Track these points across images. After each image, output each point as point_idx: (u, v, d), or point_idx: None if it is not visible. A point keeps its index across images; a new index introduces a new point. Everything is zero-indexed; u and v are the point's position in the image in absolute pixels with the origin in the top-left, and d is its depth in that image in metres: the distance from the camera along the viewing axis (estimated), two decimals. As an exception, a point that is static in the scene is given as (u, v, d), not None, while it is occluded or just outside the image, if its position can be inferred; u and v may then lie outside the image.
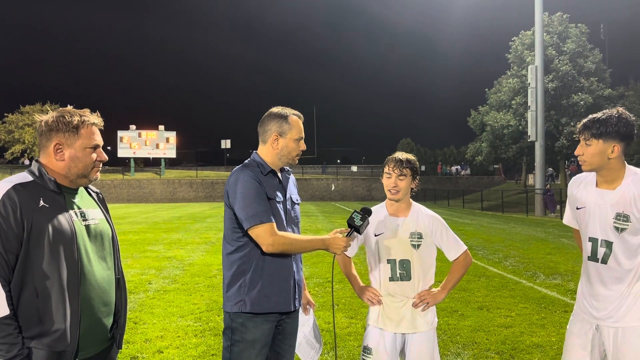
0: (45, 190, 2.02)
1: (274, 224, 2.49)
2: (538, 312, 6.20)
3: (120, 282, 2.26)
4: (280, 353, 2.67)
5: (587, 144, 2.45)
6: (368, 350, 2.82)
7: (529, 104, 26.08)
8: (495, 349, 4.85)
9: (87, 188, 2.28)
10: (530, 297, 7.02)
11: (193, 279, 8.33)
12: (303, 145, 2.70)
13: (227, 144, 56.25)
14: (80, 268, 2.02)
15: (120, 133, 52.70)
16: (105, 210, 2.30)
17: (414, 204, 2.91)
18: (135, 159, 54.23)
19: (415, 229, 2.82)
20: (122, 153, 52.90)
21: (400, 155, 2.84)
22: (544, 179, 29.31)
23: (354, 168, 57.95)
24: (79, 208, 2.14)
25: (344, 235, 2.59)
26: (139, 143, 53.15)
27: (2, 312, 1.87)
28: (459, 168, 59.68)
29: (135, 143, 53.03)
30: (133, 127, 53.32)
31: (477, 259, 10.47)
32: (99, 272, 2.12)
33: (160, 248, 12.44)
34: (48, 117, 2.08)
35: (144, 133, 53.45)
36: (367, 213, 2.62)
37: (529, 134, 28.15)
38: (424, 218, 2.86)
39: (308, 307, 2.94)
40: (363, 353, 2.86)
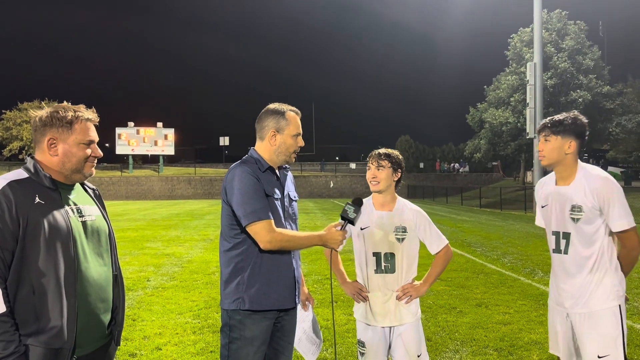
0: (41, 187, 2.01)
1: (272, 221, 2.46)
2: (536, 309, 6.20)
3: (118, 278, 2.25)
4: (279, 350, 2.66)
5: (546, 140, 2.72)
6: (362, 344, 2.97)
7: (528, 101, 26.01)
8: (494, 346, 4.85)
9: (83, 184, 2.26)
10: (529, 294, 7.02)
11: (191, 276, 8.33)
12: (301, 142, 2.68)
13: (225, 141, 56.31)
14: (77, 265, 2.01)
15: (119, 130, 52.67)
16: (102, 207, 2.28)
17: (399, 199, 3.04)
18: (134, 156, 54.23)
19: (400, 223, 2.93)
20: (120, 150, 52.88)
21: (380, 150, 2.99)
22: (542, 176, 29.29)
23: (353, 165, 58.00)
24: (75, 204, 2.12)
25: (339, 229, 2.59)
26: (138, 140, 53.13)
27: (-2, 309, 1.85)
28: (458, 165, 59.77)
29: (134, 140, 53.02)
30: (131, 124, 53.28)
31: (475, 256, 10.48)
32: (96, 268, 2.11)
33: (159, 245, 12.43)
34: (42, 112, 2.07)
35: (143, 130, 53.42)
36: (358, 204, 2.66)
37: (528, 131, 28.07)
38: (409, 212, 2.98)
39: (307, 303, 2.94)
40: (359, 347, 3.01)
